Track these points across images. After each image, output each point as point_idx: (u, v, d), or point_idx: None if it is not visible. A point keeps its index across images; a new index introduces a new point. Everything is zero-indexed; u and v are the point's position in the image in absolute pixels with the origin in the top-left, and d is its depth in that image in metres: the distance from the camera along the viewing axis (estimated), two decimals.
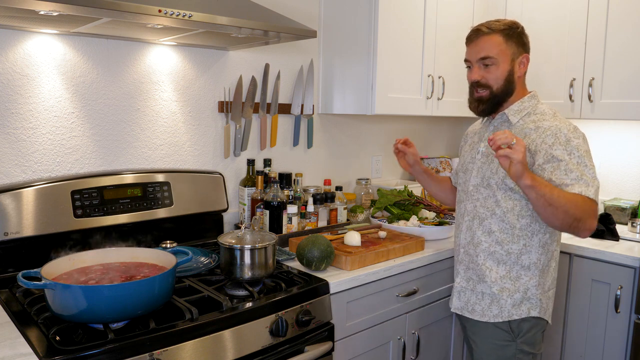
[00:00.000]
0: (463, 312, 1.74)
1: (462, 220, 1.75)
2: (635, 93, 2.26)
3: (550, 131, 1.53)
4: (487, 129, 1.71)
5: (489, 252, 1.65)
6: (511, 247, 1.61)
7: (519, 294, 1.62)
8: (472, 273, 1.70)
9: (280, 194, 2.04)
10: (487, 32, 1.59)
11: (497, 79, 1.60)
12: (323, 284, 1.64)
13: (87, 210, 1.71)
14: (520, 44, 1.61)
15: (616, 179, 2.68)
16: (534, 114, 1.62)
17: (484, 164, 1.67)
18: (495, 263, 1.64)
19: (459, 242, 1.76)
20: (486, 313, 1.66)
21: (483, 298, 1.67)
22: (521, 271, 1.62)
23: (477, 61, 1.62)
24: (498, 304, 1.64)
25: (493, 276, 1.64)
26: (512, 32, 1.59)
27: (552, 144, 1.51)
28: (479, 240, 1.67)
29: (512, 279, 1.63)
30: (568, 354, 2.24)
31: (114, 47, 1.84)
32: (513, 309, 1.62)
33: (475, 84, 1.64)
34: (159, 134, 1.98)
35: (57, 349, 1.15)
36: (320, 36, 2.44)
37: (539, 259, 1.61)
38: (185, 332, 1.30)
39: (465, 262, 1.72)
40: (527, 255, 1.61)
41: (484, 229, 1.66)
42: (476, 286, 1.69)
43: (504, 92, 1.62)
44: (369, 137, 2.77)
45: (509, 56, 1.59)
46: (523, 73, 1.65)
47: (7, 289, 1.52)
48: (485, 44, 1.59)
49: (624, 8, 2.26)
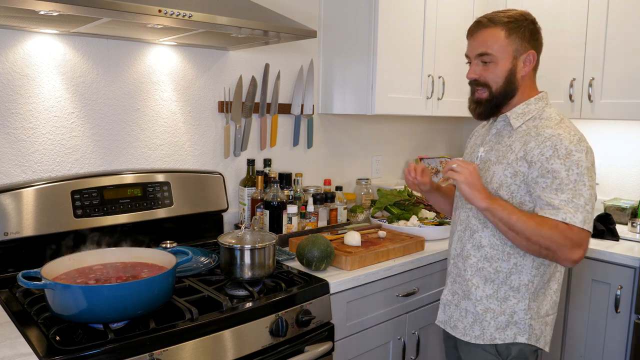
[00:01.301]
0: (446, 327, 1.60)
1: (455, 229, 1.60)
2: (635, 93, 2.26)
3: (550, 141, 1.35)
4: (489, 132, 1.56)
5: (477, 268, 1.50)
6: (500, 265, 1.46)
7: (504, 317, 1.46)
8: (457, 287, 1.56)
9: (280, 194, 2.04)
10: (487, 25, 1.43)
11: (496, 77, 1.44)
12: (323, 284, 1.64)
13: (87, 210, 1.71)
14: (525, 39, 1.42)
15: (616, 179, 2.68)
16: (539, 118, 1.44)
17: (481, 171, 1.50)
18: (483, 280, 1.49)
19: (449, 252, 1.63)
20: (468, 332, 1.52)
21: (466, 316, 1.53)
22: (509, 292, 1.45)
23: (475, 57, 1.47)
24: (480, 325, 1.49)
25: (479, 294, 1.49)
26: (516, 26, 1.41)
27: (549, 156, 1.34)
28: (468, 254, 1.52)
29: (498, 299, 1.47)
30: (568, 354, 2.24)
31: (114, 47, 1.84)
32: (496, 332, 1.46)
33: (473, 83, 1.49)
34: (159, 134, 1.98)
35: (57, 349, 1.15)
36: (320, 36, 2.44)
37: (531, 281, 1.44)
38: (185, 332, 1.30)
39: (453, 274, 1.59)
40: (517, 275, 1.44)
41: (473, 242, 1.51)
42: (460, 302, 1.55)
43: (503, 93, 1.45)
44: (369, 137, 2.77)
45: (510, 53, 1.42)
46: (528, 72, 1.46)
47: (7, 289, 1.52)
48: (485, 38, 1.43)
49: (624, 8, 2.26)
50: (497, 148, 1.50)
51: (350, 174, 2.70)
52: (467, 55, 1.52)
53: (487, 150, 1.53)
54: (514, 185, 1.42)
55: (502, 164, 1.45)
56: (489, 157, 1.51)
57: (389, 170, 2.91)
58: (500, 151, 1.48)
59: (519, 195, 1.42)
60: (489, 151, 1.52)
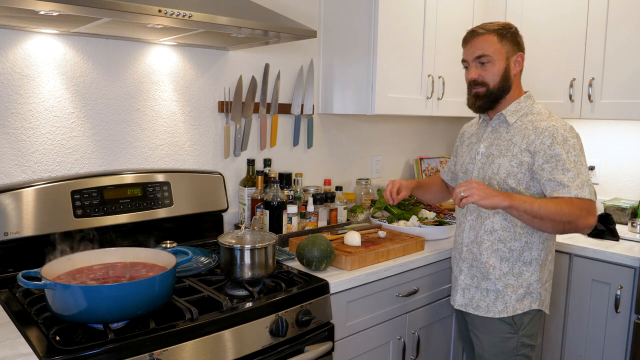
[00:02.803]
0: (467, 308, 1.78)
1: (465, 219, 1.79)
2: (635, 93, 2.26)
3: (548, 132, 1.59)
4: (485, 130, 1.76)
5: (492, 250, 1.70)
6: (513, 245, 1.68)
7: (522, 289, 1.68)
8: (476, 270, 1.75)
9: (280, 194, 2.04)
10: (482, 32, 1.66)
11: (493, 76, 1.65)
12: (323, 284, 1.64)
13: (87, 210, 1.71)
14: (514, 42, 1.66)
15: (616, 179, 2.68)
16: (531, 114, 1.67)
17: (485, 164, 1.72)
18: (499, 260, 1.70)
19: (461, 241, 1.81)
20: (491, 309, 1.72)
21: (488, 294, 1.73)
22: (523, 267, 1.68)
23: (473, 60, 1.67)
24: (503, 300, 1.70)
25: (497, 273, 1.70)
26: (505, 32, 1.65)
27: (550, 144, 1.57)
28: (482, 239, 1.72)
29: (515, 275, 1.69)
30: (568, 354, 2.24)
31: (114, 47, 1.84)
32: (517, 303, 1.69)
33: (472, 83, 1.69)
34: (159, 134, 1.98)
35: (57, 349, 1.15)
36: (320, 36, 2.44)
37: (539, 255, 1.68)
38: (185, 332, 1.30)
39: (469, 260, 1.77)
40: (528, 252, 1.68)
41: (486, 228, 1.71)
42: (480, 283, 1.74)
43: (500, 88, 1.66)
44: (369, 137, 2.77)
45: (504, 54, 1.65)
46: (519, 71, 1.70)
47: (7, 289, 1.52)
48: (481, 43, 1.65)
49: (624, 8, 2.26)
50: (498, 143, 1.70)
51: (350, 174, 2.70)
52: (464, 60, 1.72)
53: (487, 146, 1.73)
54: (520, 173, 1.63)
55: (506, 156, 1.65)
56: (491, 151, 1.71)
57: (389, 170, 2.91)
58: (501, 145, 1.68)
59: (525, 181, 1.63)
60: (489, 147, 1.72)
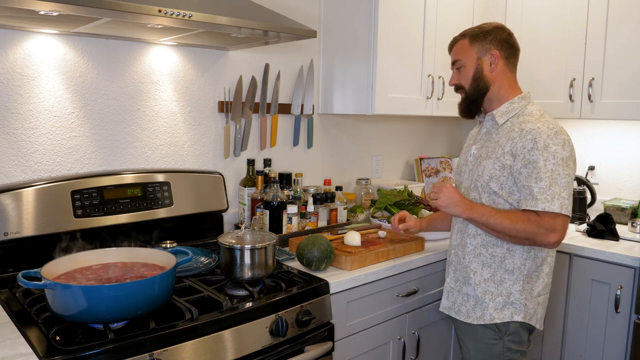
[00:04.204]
0: (450, 312, 1.76)
1: (456, 221, 1.78)
2: (635, 93, 2.26)
3: (531, 135, 1.52)
4: (480, 132, 1.75)
5: (474, 254, 1.66)
6: (495, 250, 1.62)
7: (501, 298, 1.62)
8: (459, 274, 1.72)
9: (280, 194, 2.04)
10: (458, 38, 1.69)
11: (467, 79, 1.66)
12: (323, 284, 1.64)
13: (87, 210, 1.71)
14: (487, 41, 1.63)
15: (616, 179, 2.68)
16: (522, 115, 1.61)
17: (474, 167, 1.68)
18: (480, 265, 1.65)
19: (451, 243, 1.80)
20: (470, 315, 1.68)
21: (468, 300, 1.69)
22: (505, 275, 1.62)
23: (452, 66, 1.72)
24: (481, 307, 1.65)
25: (477, 279, 1.66)
26: (479, 33, 1.64)
27: (530, 148, 1.51)
28: (465, 243, 1.69)
29: (495, 282, 1.63)
30: (568, 354, 2.24)
31: (114, 47, 1.84)
32: (495, 312, 1.62)
33: (454, 89, 1.73)
34: (159, 134, 1.98)
35: (57, 349, 1.15)
36: (320, 36, 2.44)
37: (523, 264, 1.60)
38: (185, 332, 1.30)
39: (454, 263, 1.75)
40: (510, 259, 1.61)
41: (470, 232, 1.68)
42: (462, 287, 1.71)
43: (475, 90, 1.65)
44: (369, 137, 2.77)
45: (474, 55, 1.64)
46: (501, 70, 1.63)
47: (7, 289, 1.52)
48: (456, 49, 1.69)
49: (624, 8, 2.26)
50: (487, 145, 1.67)
51: (350, 174, 2.70)
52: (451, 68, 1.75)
53: (478, 147, 1.70)
54: (503, 177, 1.58)
55: (491, 158, 1.61)
56: (480, 153, 1.68)
57: (389, 170, 2.91)
58: (489, 147, 1.65)
59: (508, 185, 1.57)
60: (480, 148, 1.69)
